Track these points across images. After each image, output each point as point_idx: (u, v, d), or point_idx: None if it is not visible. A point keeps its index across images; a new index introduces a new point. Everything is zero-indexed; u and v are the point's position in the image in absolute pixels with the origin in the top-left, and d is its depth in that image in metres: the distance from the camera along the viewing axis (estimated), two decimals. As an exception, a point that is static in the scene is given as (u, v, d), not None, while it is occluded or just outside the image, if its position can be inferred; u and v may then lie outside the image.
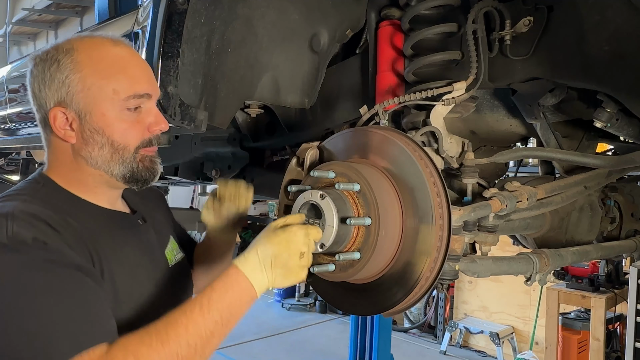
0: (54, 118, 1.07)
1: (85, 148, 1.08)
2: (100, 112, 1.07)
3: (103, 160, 1.09)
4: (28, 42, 2.65)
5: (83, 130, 1.07)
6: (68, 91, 1.06)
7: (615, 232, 1.93)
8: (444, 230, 1.10)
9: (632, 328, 3.61)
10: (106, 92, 1.07)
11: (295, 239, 1.04)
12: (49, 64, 1.07)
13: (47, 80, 1.07)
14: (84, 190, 1.12)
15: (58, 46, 1.09)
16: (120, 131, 1.08)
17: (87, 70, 1.06)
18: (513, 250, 1.85)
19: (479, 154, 1.67)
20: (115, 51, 1.10)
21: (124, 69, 1.09)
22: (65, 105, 1.07)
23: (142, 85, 1.10)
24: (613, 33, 1.18)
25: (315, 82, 1.66)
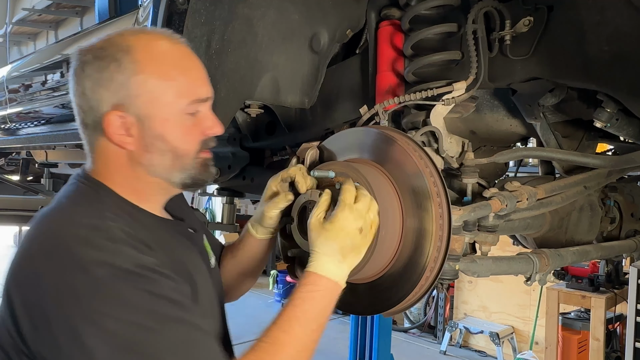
0: (109, 122, 0.98)
1: (145, 155, 1.01)
2: (162, 117, 0.99)
3: (164, 168, 1.02)
4: (28, 42, 2.65)
5: (144, 136, 0.99)
6: (129, 94, 0.97)
7: (615, 232, 1.93)
8: (444, 230, 1.10)
9: (632, 328, 3.61)
10: (169, 96, 0.99)
11: (347, 224, 1.02)
12: (106, 62, 0.97)
13: (105, 81, 0.97)
14: (140, 199, 1.04)
15: (113, 42, 0.99)
16: (181, 137, 1.02)
17: (149, 71, 0.98)
18: (513, 250, 1.84)
19: (479, 154, 1.67)
20: (175, 50, 1.02)
21: (186, 71, 1.02)
22: (124, 109, 0.98)
23: (203, 88, 1.04)
24: (613, 33, 1.18)
25: (315, 82, 1.66)
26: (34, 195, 4.03)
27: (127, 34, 1.01)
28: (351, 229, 1.02)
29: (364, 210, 1.04)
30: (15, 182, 4.04)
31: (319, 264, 1.02)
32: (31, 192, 4.02)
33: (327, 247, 1.02)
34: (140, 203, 1.04)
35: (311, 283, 1.01)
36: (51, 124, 2.60)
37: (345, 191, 1.04)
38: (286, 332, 0.96)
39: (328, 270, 1.02)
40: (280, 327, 0.97)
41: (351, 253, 1.04)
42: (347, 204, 1.03)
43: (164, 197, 1.10)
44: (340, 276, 1.03)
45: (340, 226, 1.02)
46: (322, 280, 1.01)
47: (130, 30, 1.04)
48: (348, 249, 1.03)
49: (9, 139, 3.03)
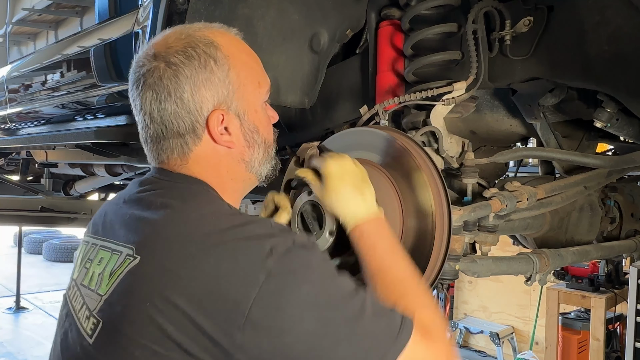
0: (213, 123, 0.92)
1: (248, 151, 0.97)
2: (253, 109, 0.97)
3: (259, 162, 0.99)
4: (28, 42, 2.65)
5: (244, 132, 0.95)
6: (229, 90, 0.93)
7: (615, 232, 1.93)
8: (444, 230, 1.10)
9: (632, 328, 3.61)
10: (255, 86, 0.97)
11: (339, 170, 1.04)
12: (202, 61, 0.91)
13: (205, 81, 0.91)
14: (232, 200, 0.97)
15: (196, 40, 0.92)
16: (266, 127, 1.00)
17: (239, 64, 0.95)
18: (513, 250, 1.84)
19: (479, 154, 1.67)
20: (242, 42, 1.00)
21: (258, 61, 1.01)
22: (226, 107, 0.93)
23: (268, 78, 1.02)
24: (613, 33, 1.18)
25: (315, 82, 1.66)
26: (34, 195, 4.03)
27: (200, 29, 0.95)
28: (348, 170, 1.04)
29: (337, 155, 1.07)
30: (15, 182, 4.04)
31: (352, 216, 1.02)
32: (31, 192, 4.02)
33: (344, 199, 1.02)
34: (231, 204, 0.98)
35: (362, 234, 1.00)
36: (51, 124, 2.60)
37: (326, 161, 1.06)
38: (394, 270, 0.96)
39: (363, 216, 1.02)
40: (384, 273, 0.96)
41: (362, 186, 1.04)
42: (325, 159, 1.05)
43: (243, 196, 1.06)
44: (373, 210, 1.03)
45: (338, 177, 1.03)
46: (367, 225, 1.01)
47: (196, 27, 0.97)
48: (359, 185, 1.04)
49: (9, 139, 3.03)
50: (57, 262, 10.21)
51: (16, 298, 7.37)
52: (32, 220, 4.37)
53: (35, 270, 9.49)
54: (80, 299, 0.94)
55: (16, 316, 7.18)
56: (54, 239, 10.77)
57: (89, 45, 1.96)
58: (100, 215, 1.05)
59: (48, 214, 4.05)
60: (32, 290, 8.08)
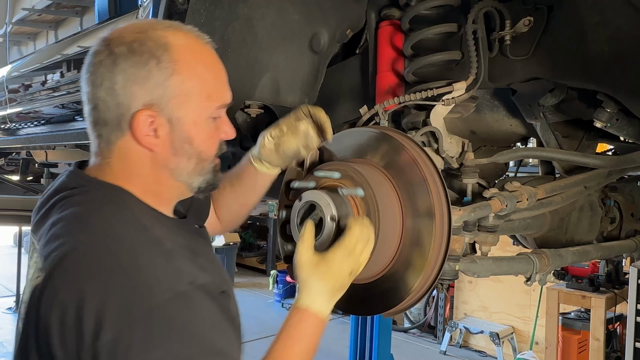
0: (138, 122, 0.92)
1: (173, 159, 0.96)
2: (192, 120, 0.95)
3: (188, 172, 0.99)
4: (28, 42, 2.65)
5: (174, 139, 0.95)
6: (165, 94, 0.92)
7: (615, 232, 1.93)
8: (444, 231, 1.10)
9: (632, 328, 3.61)
10: (202, 98, 0.96)
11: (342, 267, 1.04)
12: (145, 59, 0.91)
13: (140, 78, 0.91)
14: (157, 202, 0.99)
15: (150, 37, 0.92)
16: (205, 141, 0.99)
17: (187, 72, 0.94)
18: (513, 250, 1.84)
19: (479, 154, 1.67)
20: (206, 50, 0.99)
21: (217, 74, 0.99)
22: (157, 110, 0.92)
23: (228, 93, 1.02)
24: (613, 33, 1.18)
25: (315, 82, 1.66)
26: (34, 195, 4.03)
27: (159, 28, 0.95)
28: (345, 271, 1.04)
29: (359, 251, 1.05)
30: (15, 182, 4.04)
31: (310, 300, 1.03)
32: (31, 192, 4.02)
33: (319, 287, 1.03)
34: (157, 206, 0.99)
35: (301, 322, 1.02)
36: (51, 124, 2.60)
37: (351, 234, 1.05)
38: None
39: (319, 307, 1.03)
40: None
41: (339, 292, 1.05)
42: (348, 248, 1.04)
43: (175, 202, 1.07)
44: (327, 313, 1.04)
45: (335, 268, 1.03)
46: (313, 318, 1.02)
47: (159, 23, 0.97)
48: (337, 289, 1.05)
49: (9, 139, 3.03)
50: (57, 262, 10.18)
51: (16, 298, 7.36)
52: (32, 220, 4.36)
53: (35, 270, 9.47)
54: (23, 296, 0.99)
55: (16, 316, 7.17)
56: (54, 239, 10.73)
57: (89, 45, 1.96)
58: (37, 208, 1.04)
59: (48, 214, 4.03)
60: (32, 290, 8.07)
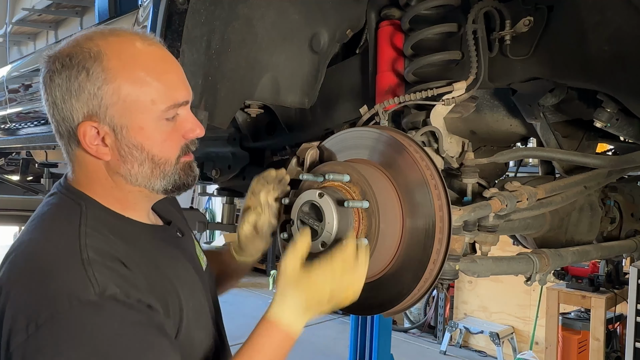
0: (84, 133, 0.93)
1: (123, 166, 0.97)
2: (137, 126, 0.95)
3: (143, 177, 0.98)
4: (28, 42, 2.65)
5: (120, 146, 0.95)
6: (101, 104, 0.92)
7: (615, 232, 1.93)
8: (444, 231, 1.10)
9: (632, 328, 3.61)
10: (144, 103, 0.94)
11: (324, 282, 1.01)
12: (75, 71, 0.92)
13: (74, 91, 0.92)
14: (124, 207, 1.01)
15: (81, 48, 0.93)
16: (159, 144, 0.97)
17: (121, 79, 0.93)
18: (513, 250, 1.84)
19: (479, 154, 1.67)
20: (148, 53, 0.96)
21: (161, 75, 0.96)
22: (97, 119, 0.93)
23: (181, 92, 0.99)
24: (613, 33, 1.18)
25: (315, 82, 1.66)
26: (34, 195, 4.03)
27: (96, 37, 0.95)
28: (325, 290, 1.01)
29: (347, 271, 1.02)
30: (15, 182, 4.04)
31: (280, 311, 1.00)
32: (31, 192, 4.02)
33: (295, 298, 1.00)
34: (125, 211, 1.01)
35: (267, 334, 0.99)
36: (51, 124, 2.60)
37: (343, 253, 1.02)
38: None
39: (288, 321, 1.00)
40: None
41: (314, 309, 1.02)
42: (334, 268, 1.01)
43: (148, 203, 1.07)
44: (298, 329, 1.01)
45: (317, 285, 1.01)
46: (280, 332, 0.99)
47: (100, 32, 0.97)
48: (313, 305, 1.01)
49: (9, 139, 3.03)
50: (57, 262, 10.19)
51: (16, 298, 7.36)
52: (32, 220, 4.36)
53: (35, 270, 9.48)
54: None
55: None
56: (54, 239, 10.75)
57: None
58: None
59: (48, 214, 4.04)
60: (32, 290, 8.07)
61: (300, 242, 1.05)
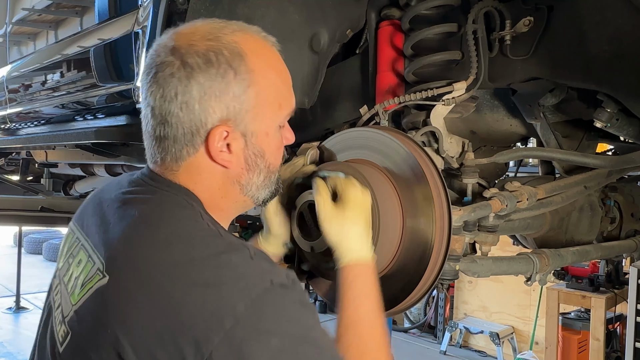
0: (214, 138, 0.85)
1: (246, 175, 0.89)
2: (264, 132, 0.89)
3: (257, 186, 0.92)
4: (28, 42, 2.65)
5: (247, 154, 0.88)
6: (242, 108, 0.85)
7: (615, 232, 1.93)
8: (444, 231, 1.10)
9: (632, 328, 3.61)
10: (274, 108, 0.89)
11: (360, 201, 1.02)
12: (222, 70, 0.83)
13: (218, 91, 0.83)
14: (221, 217, 0.91)
15: (224, 44, 0.84)
16: (274, 152, 0.92)
17: (263, 81, 0.87)
18: (513, 250, 1.84)
19: (479, 154, 1.67)
20: (275, 55, 0.91)
21: (286, 80, 0.92)
22: (233, 124, 0.85)
23: (294, 98, 0.94)
24: (613, 33, 1.18)
25: (315, 82, 1.66)
26: (34, 195, 4.02)
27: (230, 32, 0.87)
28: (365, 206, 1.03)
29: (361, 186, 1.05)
30: (15, 182, 4.03)
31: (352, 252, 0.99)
32: (31, 192, 4.02)
33: (356, 232, 1.00)
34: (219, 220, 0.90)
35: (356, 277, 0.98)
36: (51, 124, 2.60)
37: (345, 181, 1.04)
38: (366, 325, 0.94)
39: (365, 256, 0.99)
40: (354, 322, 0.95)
41: (369, 228, 1.03)
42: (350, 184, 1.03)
43: (236, 215, 1.00)
44: (369, 255, 1.01)
45: (357, 208, 1.01)
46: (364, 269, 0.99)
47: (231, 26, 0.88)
48: (368, 227, 1.03)
49: (9, 139, 3.03)
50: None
51: (16, 298, 7.37)
52: (32, 220, 4.37)
53: (35, 270, 9.48)
54: (59, 295, 0.93)
55: (16, 316, 7.17)
56: (54, 239, 10.76)
57: (89, 45, 1.96)
58: (86, 205, 1.01)
59: (48, 214, 4.04)
60: (32, 290, 8.07)
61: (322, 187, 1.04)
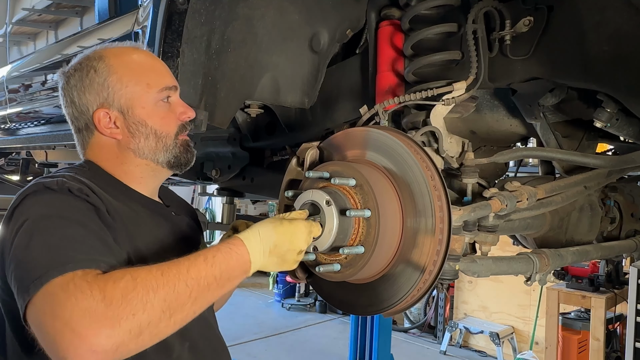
0: (99, 120, 1.17)
1: (132, 141, 1.18)
2: (140, 106, 1.17)
3: (149, 150, 1.19)
4: (28, 42, 2.65)
5: (128, 125, 1.17)
6: (109, 92, 1.16)
7: (615, 232, 1.93)
8: (444, 231, 1.09)
9: (632, 328, 3.61)
10: (142, 87, 1.17)
11: (299, 235, 1.05)
12: (85, 72, 1.17)
13: (87, 87, 1.16)
14: (130, 179, 1.20)
15: (87, 56, 1.19)
16: (159, 120, 1.19)
17: (121, 70, 1.17)
18: (513, 250, 1.84)
19: (479, 154, 1.67)
20: (138, 54, 1.23)
21: (151, 67, 1.21)
22: (108, 106, 1.16)
23: (168, 78, 1.22)
24: (613, 33, 1.18)
25: (315, 82, 1.66)
26: (34, 195, 4.01)
27: (98, 49, 1.21)
28: (297, 242, 1.05)
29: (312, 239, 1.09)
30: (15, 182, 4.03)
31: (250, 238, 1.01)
32: (31, 192, 4.01)
33: (266, 234, 1.03)
34: (131, 184, 1.20)
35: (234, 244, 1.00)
36: (51, 124, 2.60)
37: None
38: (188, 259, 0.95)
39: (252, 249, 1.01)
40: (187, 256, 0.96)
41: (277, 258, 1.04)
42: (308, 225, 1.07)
43: (153, 180, 1.25)
44: (255, 262, 1.01)
45: (292, 231, 1.04)
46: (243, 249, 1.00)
47: (101, 46, 1.23)
48: (278, 252, 1.04)
49: (9, 139, 3.03)
50: (57, 262, 10.19)
51: (16, 298, 7.36)
52: (32, 220, 4.35)
53: (35, 270, 9.48)
54: None
55: (16, 316, 7.17)
56: (54, 239, 10.74)
57: (89, 45, 1.96)
58: None
59: (48, 214, 4.03)
60: (32, 290, 8.07)
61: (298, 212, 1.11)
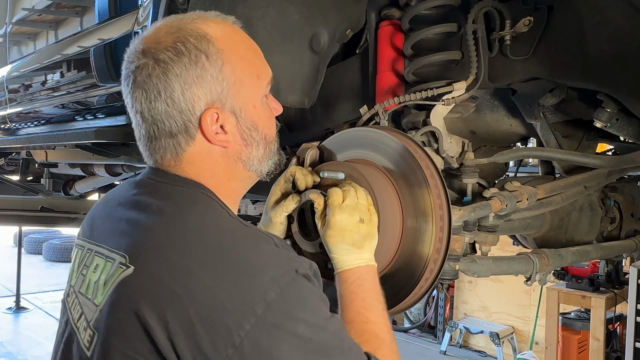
0: (206, 123, 0.87)
1: (245, 150, 0.92)
2: (252, 105, 0.91)
3: (259, 160, 0.95)
4: (28, 42, 2.65)
5: (241, 129, 0.91)
6: (223, 87, 0.88)
7: (615, 232, 1.93)
8: (444, 231, 1.10)
9: (632, 328, 3.61)
10: (253, 80, 0.92)
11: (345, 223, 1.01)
12: (193, 57, 0.85)
13: (196, 78, 0.86)
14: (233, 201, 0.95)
15: (188, 32, 0.87)
16: (266, 122, 0.94)
17: (234, 58, 0.89)
18: (513, 250, 1.84)
19: (479, 154, 1.67)
20: (240, 32, 0.94)
21: (256, 51, 0.95)
22: (220, 105, 0.88)
23: (269, 68, 0.97)
24: (613, 33, 1.18)
25: (315, 82, 1.66)
26: (34, 195, 4.02)
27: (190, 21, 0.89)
28: (351, 225, 1.02)
29: (353, 203, 1.03)
30: (15, 182, 4.04)
31: (341, 263, 1.02)
32: (31, 192, 4.02)
33: (340, 249, 1.02)
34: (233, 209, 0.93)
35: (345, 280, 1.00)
36: (51, 124, 2.60)
37: (332, 194, 1.03)
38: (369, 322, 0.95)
39: (351, 264, 1.01)
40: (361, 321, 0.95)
41: (365, 241, 1.03)
42: (335, 206, 1.02)
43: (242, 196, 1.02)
44: (365, 259, 1.03)
45: (339, 228, 1.02)
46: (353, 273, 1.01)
47: (189, 17, 0.91)
48: (359, 241, 1.03)
49: (9, 139, 3.03)
50: (57, 262, 10.21)
51: (16, 298, 7.37)
52: (32, 220, 4.37)
53: (35, 270, 9.49)
54: (78, 307, 0.92)
55: (16, 316, 7.18)
56: (54, 239, 10.77)
57: (89, 45, 1.96)
58: (92, 218, 1.02)
59: (48, 214, 4.04)
60: (32, 290, 8.08)
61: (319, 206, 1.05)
